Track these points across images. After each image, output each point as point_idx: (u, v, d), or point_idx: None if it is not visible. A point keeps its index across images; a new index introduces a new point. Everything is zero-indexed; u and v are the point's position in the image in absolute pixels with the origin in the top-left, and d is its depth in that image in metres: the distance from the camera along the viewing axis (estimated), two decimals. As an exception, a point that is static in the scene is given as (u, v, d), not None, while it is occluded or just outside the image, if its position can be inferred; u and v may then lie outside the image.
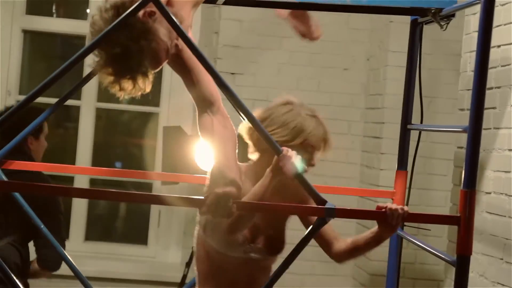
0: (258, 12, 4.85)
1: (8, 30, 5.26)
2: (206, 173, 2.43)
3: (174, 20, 2.26)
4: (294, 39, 5.17)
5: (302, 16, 3.10)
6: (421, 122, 3.32)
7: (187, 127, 4.89)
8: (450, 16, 3.04)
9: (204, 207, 2.27)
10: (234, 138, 2.42)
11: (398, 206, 2.42)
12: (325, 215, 2.35)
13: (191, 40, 2.31)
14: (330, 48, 5.06)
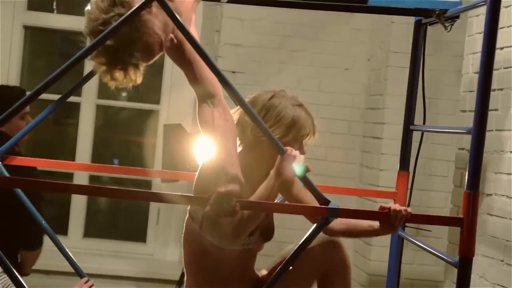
0: (259, 11, 4.86)
1: (9, 26, 5.25)
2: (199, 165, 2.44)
3: (177, 17, 2.24)
4: (295, 38, 5.23)
5: None
6: (423, 123, 3.31)
7: (187, 125, 4.88)
8: (455, 17, 3.03)
9: (207, 206, 2.26)
10: (235, 131, 2.42)
11: (402, 207, 2.43)
12: (328, 215, 2.34)
13: (193, 37, 2.29)
14: (331, 48, 5.06)
